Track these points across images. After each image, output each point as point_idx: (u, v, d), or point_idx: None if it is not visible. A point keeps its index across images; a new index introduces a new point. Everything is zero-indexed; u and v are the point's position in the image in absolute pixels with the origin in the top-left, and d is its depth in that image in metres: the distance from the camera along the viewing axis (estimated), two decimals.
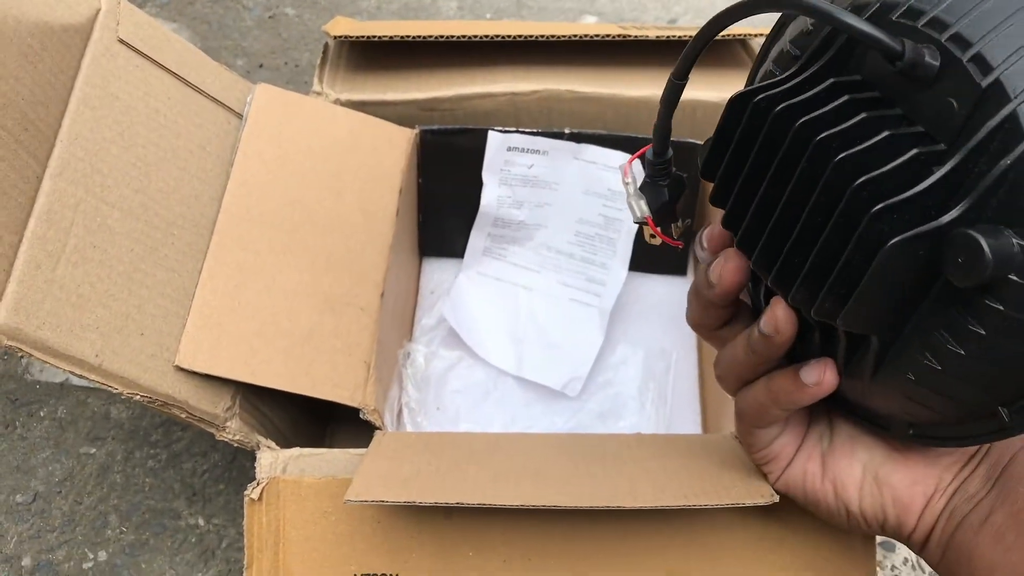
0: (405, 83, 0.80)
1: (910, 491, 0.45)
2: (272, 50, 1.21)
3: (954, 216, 0.32)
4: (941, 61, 0.32)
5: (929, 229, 0.32)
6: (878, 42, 0.32)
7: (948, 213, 0.32)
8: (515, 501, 0.49)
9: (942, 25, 0.33)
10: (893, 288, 0.34)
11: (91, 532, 0.81)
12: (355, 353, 0.65)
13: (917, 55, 0.32)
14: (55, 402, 0.88)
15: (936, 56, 0.32)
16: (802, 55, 0.39)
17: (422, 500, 0.49)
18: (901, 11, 0.34)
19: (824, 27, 0.38)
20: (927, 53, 0.32)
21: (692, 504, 0.49)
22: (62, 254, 0.54)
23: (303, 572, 0.55)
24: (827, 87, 0.37)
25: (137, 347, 0.56)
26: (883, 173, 0.33)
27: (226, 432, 0.60)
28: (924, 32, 0.33)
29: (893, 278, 0.34)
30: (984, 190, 0.31)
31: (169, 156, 0.63)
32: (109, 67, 0.61)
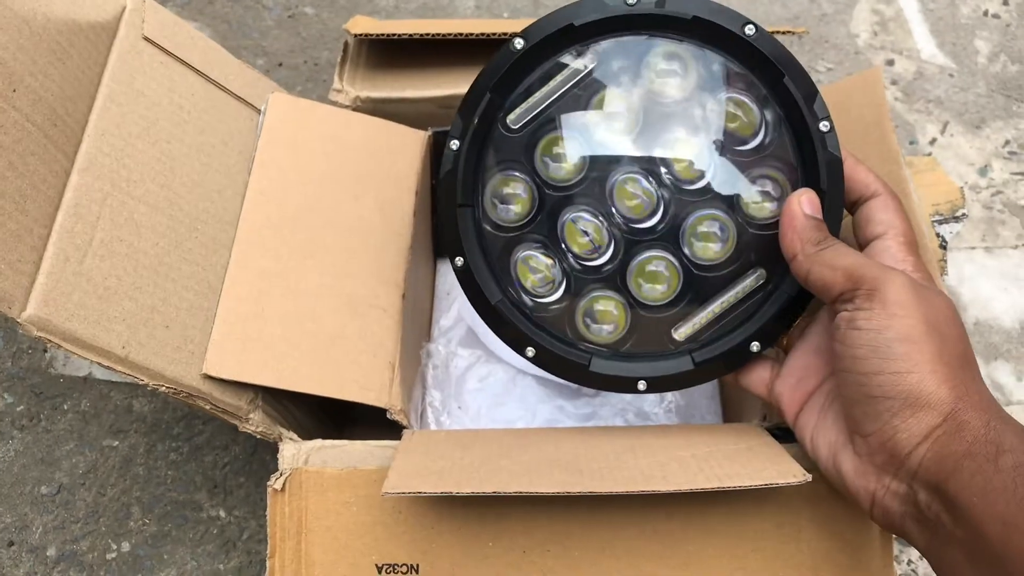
0: (424, 81, 0.81)
1: (855, 483, 0.48)
2: (291, 49, 1.22)
3: None
4: None
5: None
6: None
7: None
8: (551, 489, 0.49)
9: None
10: None
11: (114, 523, 0.82)
12: (379, 354, 0.65)
13: None
14: (78, 395, 0.90)
15: None
16: None
17: (459, 491, 0.49)
18: None
19: None
20: None
21: (726, 486, 0.49)
22: (89, 247, 0.54)
23: (325, 561, 0.56)
24: None
25: (162, 339, 0.57)
26: None
27: (249, 424, 0.60)
28: None
29: None
30: None
31: (193, 152, 0.64)
32: (135, 64, 0.62)
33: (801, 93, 0.55)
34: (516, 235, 0.59)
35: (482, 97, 0.57)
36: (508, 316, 0.58)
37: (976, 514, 0.41)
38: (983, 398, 0.45)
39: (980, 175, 1.13)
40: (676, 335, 0.58)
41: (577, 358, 0.58)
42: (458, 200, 0.58)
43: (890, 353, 0.45)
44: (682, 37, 0.57)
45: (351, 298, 0.66)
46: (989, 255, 1.06)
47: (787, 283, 0.56)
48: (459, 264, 0.59)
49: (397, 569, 0.56)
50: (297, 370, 0.62)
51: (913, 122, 1.18)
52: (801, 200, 0.53)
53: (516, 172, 0.59)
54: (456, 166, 0.58)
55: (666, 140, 0.58)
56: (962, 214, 0.67)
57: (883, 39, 1.26)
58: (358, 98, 0.78)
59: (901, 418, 0.44)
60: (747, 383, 0.58)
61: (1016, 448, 0.41)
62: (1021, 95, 1.21)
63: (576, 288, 0.59)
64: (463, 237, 0.58)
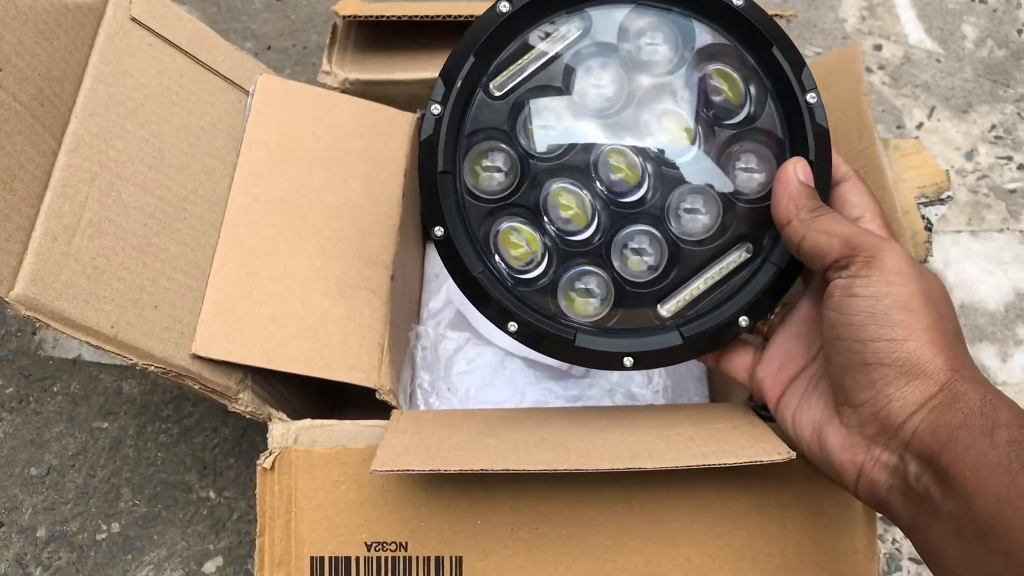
0: (413, 63, 0.81)
1: (841, 457, 0.48)
2: (280, 32, 1.21)
3: None
4: None
5: None
6: None
7: None
8: (538, 466, 0.50)
9: None
10: None
11: (104, 504, 0.83)
12: (368, 335, 0.65)
13: None
14: (68, 377, 0.90)
15: None
16: None
17: (447, 468, 0.50)
18: None
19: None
20: None
21: (711, 463, 0.49)
22: (77, 227, 0.55)
23: (314, 539, 0.57)
24: None
25: (151, 319, 0.57)
26: None
27: (238, 404, 0.61)
28: None
29: None
30: None
31: (181, 133, 0.64)
32: (122, 45, 0.62)
33: (789, 63, 0.55)
34: (498, 206, 0.58)
35: (465, 60, 0.56)
36: (489, 289, 0.57)
37: (968, 487, 0.41)
38: (976, 373, 0.45)
39: (966, 159, 1.14)
40: (662, 311, 0.58)
41: (561, 332, 0.57)
42: (439, 167, 0.56)
43: (888, 320, 0.45)
44: (670, 6, 0.56)
45: (340, 279, 0.66)
46: (975, 238, 1.07)
47: (775, 255, 0.55)
48: (439, 234, 0.56)
49: (386, 547, 0.56)
50: (286, 350, 0.62)
51: (901, 106, 1.18)
52: (796, 167, 0.53)
53: (499, 140, 0.58)
54: (437, 131, 0.56)
55: (652, 112, 0.57)
56: (947, 196, 0.68)
57: (871, 24, 1.27)
58: (347, 80, 0.78)
59: (896, 386, 0.45)
60: (728, 368, 0.58)
61: (1011, 423, 0.42)
62: (1007, 80, 1.21)
63: (560, 262, 0.58)
64: (443, 206, 0.56)
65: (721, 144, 0.57)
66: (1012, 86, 1.21)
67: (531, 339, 0.57)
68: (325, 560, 0.57)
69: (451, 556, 0.56)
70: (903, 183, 0.68)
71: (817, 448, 0.50)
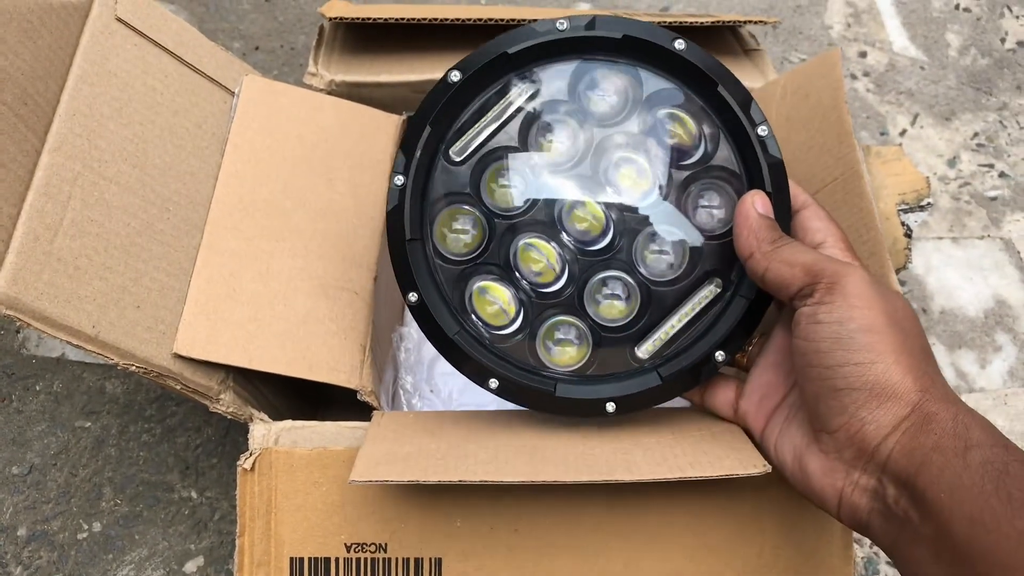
0: (400, 65, 0.81)
1: (822, 483, 0.48)
2: (268, 32, 1.21)
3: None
4: None
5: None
6: None
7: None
8: (516, 478, 0.50)
9: None
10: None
11: (86, 504, 0.82)
12: (351, 336, 0.66)
13: None
14: (51, 376, 0.90)
15: None
16: None
17: (425, 479, 0.50)
18: None
19: None
20: None
21: (688, 476, 0.50)
22: (60, 227, 0.55)
23: (294, 540, 0.57)
24: None
25: (133, 319, 0.57)
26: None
27: (220, 404, 0.61)
28: None
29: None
30: None
31: (166, 133, 0.64)
32: (107, 45, 0.62)
33: (736, 100, 0.56)
34: (469, 266, 0.59)
35: (422, 131, 0.57)
36: (467, 349, 0.58)
37: (944, 510, 0.41)
38: (947, 392, 0.46)
39: (949, 166, 1.15)
40: (640, 353, 0.58)
41: (542, 385, 0.57)
42: (407, 235, 0.58)
43: (853, 344, 0.45)
44: (615, 58, 0.58)
45: (322, 280, 0.66)
46: (956, 245, 1.08)
47: (744, 289, 0.56)
48: (413, 300, 0.58)
49: (366, 548, 0.57)
50: (267, 351, 0.62)
51: (884, 113, 1.19)
52: (754, 201, 0.53)
53: (463, 203, 0.59)
54: (402, 202, 0.57)
55: (610, 161, 0.58)
56: (928, 203, 0.68)
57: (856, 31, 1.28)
58: (333, 82, 0.79)
59: (868, 409, 0.45)
60: (713, 405, 0.58)
61: (983, 443, 0.42)
62: (990, 88, 1.22)
63: (534, 315, 0.59)
64: (415, 272, 0.58)
65: (680, 185, 0.58)
66: (995, 94, 1.22)
67: (512, 394, 0.58)
68: (305, 561, 0.57)
69: (431, 557, 0.57)
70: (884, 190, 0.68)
71: (799, 475, 0.50)
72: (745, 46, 0.87)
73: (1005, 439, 0.43)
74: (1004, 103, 1.21)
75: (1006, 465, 0.40)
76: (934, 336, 1.01)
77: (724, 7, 1.26)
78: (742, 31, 0.89)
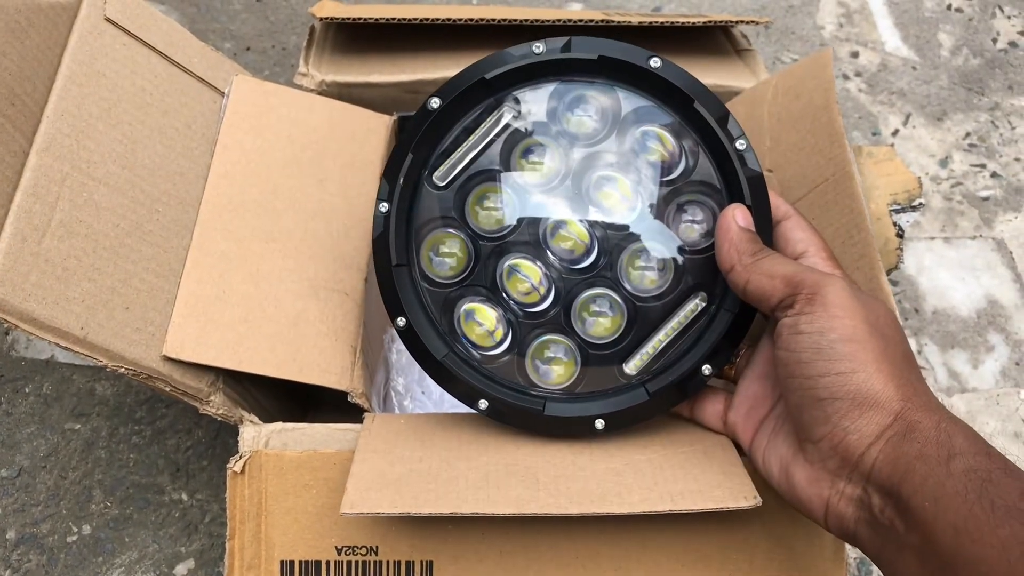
0: (390, 65, 0.81)
1: (807, 492, 0.48)
2: (259, 33, 1.21)
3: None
4: None
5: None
6: None
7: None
8: (506, 509, 0.50)
9: None
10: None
11: (75, 506, 0.82)
12: (341, 338, 0.65)
13: None
14: (40, 378, 0.89)
15: None
16: None
17: (417, 511, 0.49)
18: None
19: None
20: None
21: (678, 509, 0.50)
22: (48, 228, 0.54)
23: (284, 543, 0.56)
24: None
25: (122, 321, 0.57)
26: None
27: (210, 406, 0.60)
28: None
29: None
30: None
31: (155, 134, 0.63)
32: (96, 45, 0.61)
33: (713, 116, 0.56)
34: (456, 289, 0.59)
35: (404, 158, 0.58)
36: (455, 370, 0.58)
37: (928, 520, 0.41)
38: (930, 399, 0.45)
39: (941, 166, 1.15)
40: (627, 369, 0.58)
41: (530, 404, 0.58)
42: (393, 261, 0.58)
43: (834, 354, 0.46)
44: (592, 78, 0.58)
45: (313, 281, 0.66)
46: (948, 245, 1.08)
47: (728, 302, 0.56)
48: (401, 324, 0.58)
49: (356, 551, 0.56)
50: (257, 353, 0.62)
51: (876, 113, 1.19)
52: (735, 214, 0.54)
53: (448, 227, 0.59)
54: (387, 228, 0.58)
55: (591, 180, 0.59)
56: (919, 203, 0.68)
57: (848, 31, 1.28)
58: (323, 82, 0.78)
59: (850, 419, 0.45)
60: (702, 418, 0.58)
61: (966, 451, 0.42)
62: (982, 88, 1.23)
63: (523, 335, 0.59)
64: (402, 297, 0.58)
65: (662, 200, 0.58)
66: (987, 94, 1.22)
67: (502, 414, 0.58)
68: (295, 564, 0.56)
69: (422, 561, 0.56)
70: (876, 190, 0.68)
71: (786, 485, 0.50)
72: (737, 46, 0.87)
73: (988, 447, 0.43)
74: (996, 103, 1.21)
75: (989, 473, 0.40)
76: (926, 336, 1.01)
77: (716, 7, 1.26)
78: (734, 31, 0.89)
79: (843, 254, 0.60)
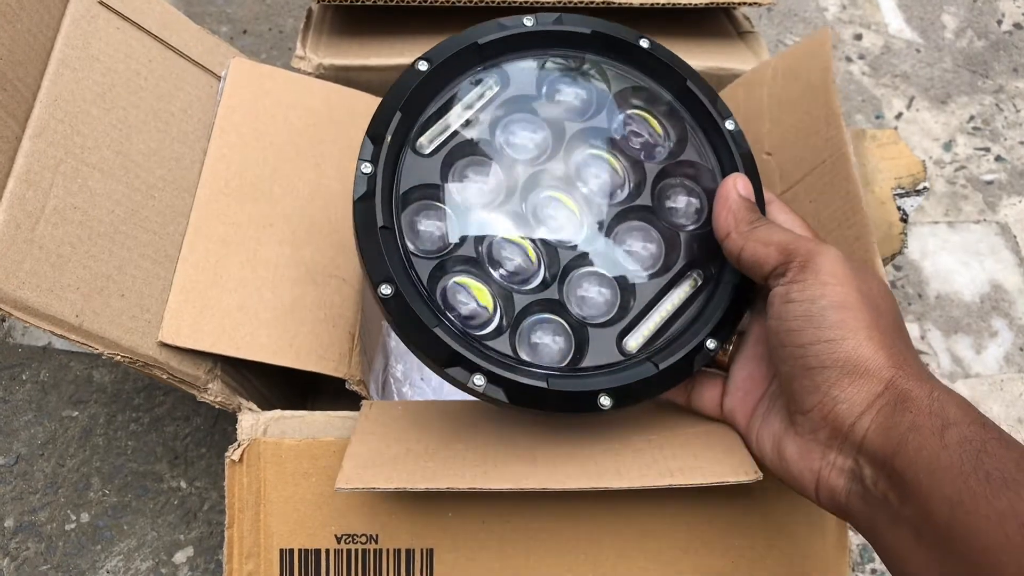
0: (388, 48, 0.80)
1: (799, 466, 0.47)
2: (256, 16, 1.20)
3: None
4: None
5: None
6: None
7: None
8: (504, 484, 0.49)
9: None
10: None
11: (73, 494, 0.82)
12: (339, 324, 0.65)
13: None
14: (37, 365, 0.88)
15: None
16: None
17: (412, 487, 0.49)
18: None
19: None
20: None
21: (678, 483, 0.49)
22: (42, 214, 0.54)
23: (283, 532, 0.56)
24: None
25: (118, 308, 0.56)
26: None
27: (208, 394, 0.60)
28: None
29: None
30: None
31: (150, 119, 0.63)
32: (89, 29, 0.60)
33: (705, 95, 0.57)
34: (442, 261, 0.55)
35: (392, 116, 0.55)
36: (450, 343, 0.51)
37: (924, 492, 0.40)
38: (922, 369, 0.45)
39: (944, 150, 1.14)
40: (629, 345, 0.56)
41: (533, 380, 0.52)
42: (379, 223, 0.52)
43: (824, 321, 0.45)
44: (583, 53, 0.58)
45: (310, 267, 0.65)
46: (951, 229, 1.07)
47: (727, 276, 0.55)
48: (387, 292, 0.51)
49: (356, 539, 0.56)
50: (254, 339, 0.61)
51: (880, 96, 1.18)
52: (736, 183, 0.54)
53: (434, 198, 0.56)
54: (372, 188, 0.53)
55: (582, 155, 0.58)
56: (924, 187, 0.67)
57: (851, 13, 1.26)
58: (321, 65, 0.77)
59: (840, 387, 0.44)
60: (700, 404, 0.57)
61: (960, 421, 0.41)
62: (986, 71, 1.22)
63: (515, 313, 0.55)
64: (389, 261, 0.52)
65: (653, 179, 0.58)
66: (991, 77, 1.21)
67: (501, 391, 0.52)
68: (295, 552, 0.56)
69: (422, 548, 0.56)
70: (879, 174, 0.67)
71: (778, 461, 0.49)
72: (739, 28, 0.86)
73: (982, 416, 0.42)
74: (1000, 86, 1.20)
75: (984, 444, 0.40)
76: (930, 322, 1.00)
77: None
78: (736, 13, 0.88)
79: (839, 236, 0.59)
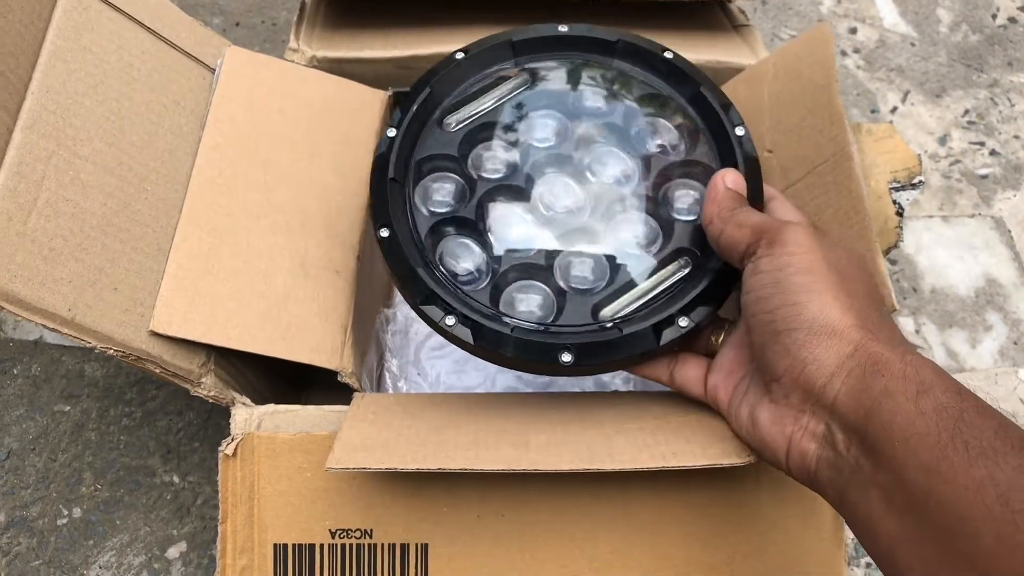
0: (382, 41, 0.79)
1: (771, 431, 0.48)
2: (249, 8, 1.19)
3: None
4: None
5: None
6: None
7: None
8: (496, 465, 0.49)
9: None
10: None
11: (65, 489, 0.81)
12: (331, 317, 0.64)
13: None
14: (29, 360, 0.88)
15: None
16: None
17: (403, 467, 0.49)
18: None
19: None
20: None
21: (670, 465, 0.49)
22: (34, 207, 0.53)
23: (277, 526, 0.56)
24: None
25: (111, 301, 0.56)
26: None
27: (201, 388, 0.59)
28: None
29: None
30: None
31: (143, 111, 0.62)
32: (81, 20, 0.60)
33: (718, 103, 0.61)
34: (444, 222, 0.60)
35: (423, 90, 0.62)
36: (429, 283, 0.56)
37: (898, 459, 0.40)
38: (895, 335, 0.45)
39: (939, 144, 1.14)
40: (603, 314, 0.57)
41: (499, 327, 0.55)
42: (390, 174, 0.60)
43: (790, 285, 0.46)
44: (609, 58, 0.65)
45: (304, 259, 0.65)
46: (946, 224, 1.07)
47: (712, 263, 0.56)
48: (384, 234, 0.58)
49: (351, 534, 0.56)
50: (247, 330, 0.61)
51: (875, 90, 1.18)
52: (725, 176, 0.56)
53: (447, 169, 0.62)
54: (391, 148, 0.61)
55: (595, 148, 0.63)
56: (919, 181, 0.67)
57: (846, 7, 1.26)
58: (314, 58, 0.77)
59: (808, 348, 0.45)
60: (684, 381, 0.57)
61: (935, 387, 0.40)
62: (981, 65, 1.22)
63: (502, 276, 0.59)
64: (391, 207, 0.59)
65: (659, 173, 0.61)
66: (986, 71, 1.21)
67: (467, 331, 0.55)
68: (289, 547, 0.56)
69: (417, 543, 0.56)
70: (875, 168, 0.67)
71: (751, 428, 0.50)
72: (734, 22, 0.86)
73: (957, 384, 0.41)
74: (995, 80, 1.20)
75: (961, 412, 0.39)
76: (925, 315, 1.00)
77: None
78: (731, 6, 0.88)
79: (841, 234, 0.59)
